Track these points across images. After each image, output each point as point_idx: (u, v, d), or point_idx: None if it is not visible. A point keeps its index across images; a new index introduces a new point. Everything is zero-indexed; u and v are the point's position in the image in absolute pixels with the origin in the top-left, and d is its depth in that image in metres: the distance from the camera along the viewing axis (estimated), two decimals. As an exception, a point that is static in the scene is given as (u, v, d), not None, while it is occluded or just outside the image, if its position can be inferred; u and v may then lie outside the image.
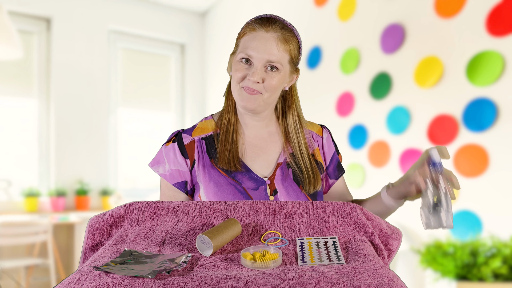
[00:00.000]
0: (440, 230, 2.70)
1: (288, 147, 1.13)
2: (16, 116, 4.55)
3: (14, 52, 3.52)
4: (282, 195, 1.07)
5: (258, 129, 1.13)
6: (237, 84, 1.05)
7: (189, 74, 5.47)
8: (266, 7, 4.57)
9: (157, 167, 1.12)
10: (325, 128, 1.21)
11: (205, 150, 1.10)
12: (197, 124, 1.15)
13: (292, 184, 1.09)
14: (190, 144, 1.10)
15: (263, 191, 1.06)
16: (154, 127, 5.42)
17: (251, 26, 1.04)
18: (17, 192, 4.39)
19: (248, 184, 1.06)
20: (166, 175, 1.10)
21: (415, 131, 2.93)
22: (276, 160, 1.11)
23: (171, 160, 1.10)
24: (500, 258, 2.17)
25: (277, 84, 1.05)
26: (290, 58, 1.06)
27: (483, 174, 2.52)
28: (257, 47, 1.01)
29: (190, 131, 1.12)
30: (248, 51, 1.02)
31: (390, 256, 0.96)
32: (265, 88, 1.04)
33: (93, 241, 0.92)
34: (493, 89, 2.49)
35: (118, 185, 5.00)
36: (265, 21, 1.04)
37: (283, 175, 1.09)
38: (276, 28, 1.03)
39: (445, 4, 2.77)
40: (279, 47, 1.03)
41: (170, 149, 1.10)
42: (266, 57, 1.02)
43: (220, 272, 0.72)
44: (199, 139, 1.11)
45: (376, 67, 3.25)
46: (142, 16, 5.16)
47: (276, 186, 1.08)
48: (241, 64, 1.04)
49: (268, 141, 1.13)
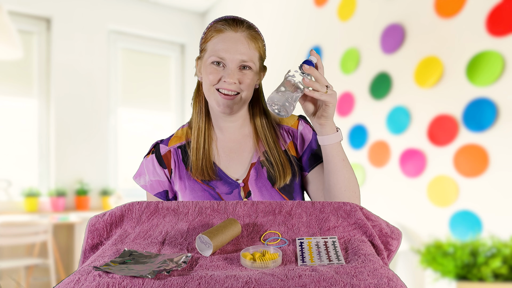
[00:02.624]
0: (442, 230, 2.70)
1: (260, 145, 1.11)
2: (16, 116, 4.55)
3: (14, 52, 3.52)
4: (256, 196, 1.07)
5: (232, 131, 1.12)
6: (211, 86, 1.04)
7: (189, 74, 5.46)
8: (266, 7, 4.57)
9: (139, 179, 1.16)
10: (301, 119, 1.16)
11: (180, 158, 1.12)
12: (174, 133, 1.17)
13: (266, 184, 1.08)
14: (166, 155, 1.12)
15: (237, 194, 1.07)
16: (154, 127, 5.42)
17: (218, 28, 1.04)
18: (17, 192, 4.39)
19: (222, 189, 1.07)
20: (147, 186, 1.14)
21: (415, 131, 2.93)
22: (250, 160, 1.11)
23: (151, 172, 1.13)
24: (500, 258, 2.17)
25: (252, 81, 1.05)
26: (260, 56, 1.07)
27: (483, 174, 2.52)
28: (228, 48, 1.01)
29: (167, 141, 1.15)
30: (220, 53, 1.02)
31: (390, 256, 0.96)
32: (241, 88, 1.04)
33: (93, 241, 0.92)
34: (493, 89, 2.49)
35: (118, 185, 5.00)
36: (232, 21, 1.04)
37: (257, 176, 1.08)
38: (244, 28, 1.03)
39: (445, 4, 2.77)
40: (250, 45, 1.03)
41: (149, 161, 1.14)
42: (238, 57, 1.02)
43: (220, 272, 0.72)
44: (175, 148, 1.13)
45: (376, 67, 3.25)
46: (142, 16, 5.16)
47: (250, 188, 1.07)
48: (213, 67, 1.03)
49: (242, 143, 1.13)
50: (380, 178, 3.18)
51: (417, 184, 2.90)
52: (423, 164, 2.86)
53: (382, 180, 3.17)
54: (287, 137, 1.14)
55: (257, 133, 1.13)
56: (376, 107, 3.23)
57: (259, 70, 1.08)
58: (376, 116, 3.22)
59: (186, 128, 1.16)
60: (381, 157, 3.17)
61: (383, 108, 3.17)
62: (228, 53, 1.01)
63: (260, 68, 1.09)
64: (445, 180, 2.71)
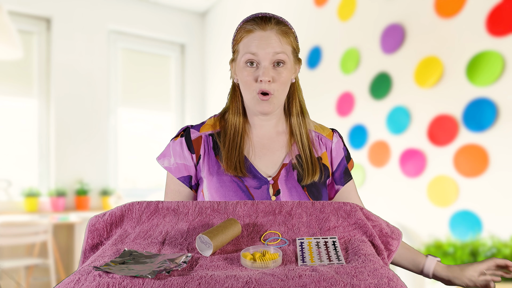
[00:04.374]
0: (442, 230, 2.70)
1: (294, 148, 1.12)
2: (16, 116, 4.55)
3: (14, 52, 3.52)
4: (285, 196, 1.07)
5: (266, 128, 1.13)
6: (250, 87, 1.04)
7: (189, 74, 5.47)
8: (266, 7, 4.56)
9: (162, 160, 1.13)
10: (336, 132, 1.18)
11: (211, 146, 1.11)
12: (206, 121, 1.16)
13: (296, 186, 1.08)
14: (197, 140, 1.11)
15: (265, 191, 1.06)
16: (154, 127, 5.42)
17: (247, 28, 1.04)
18: (17, 192, 4.39)
19: (251, 183, 1.06)
20: (171, 168, 1.11)
21: (415, 131, 2.93)
22: (282, 160, 1.11)
23: (177, 154, 1.11)
24: (500, 258, 2.17)
25: (286, 78, 1.05)
26: (293, 49, 1.07)
27: (483, 174, 2.52)
28: (260, 46, 1.01)
29: (199, 127, 1.13)
30: (252, 51, 1.02)
31: (390, 256, 0.96)
32: (277, 86, 1.04)
33: (93, 241, 0.92)
34: (493, 89, 2.49)
35: (118, 185, 5.00)
36: (260, 20, 1.04)
37: (287, 176, 1.08)
38: (273, 25, 1.03)
39: (445, 4, 2.77)
40: (281, 41, 1.03)
41: (177, 144, 1.12)
42: (271, 54, 1.02)
43: (220, 272, 0.72)
44: (206, 135, 1.12)
45: (376, 67, 3.25)
46: (142, 16, 5.16)
47: (280, 187, 1.07)
48: (248, 68, 1.04)
49: (275, 141, 1.13)
50: (380, 178, 3.18)
51: (417, 184, 2.90)
52: (423, 164, 2.86)
53: (382, 180, 3.17)
54: (321, 145, 1.15)
55: (292, 132, 1.13)
56: (376, 107, 3.23)
57: (293, 64, 1.09)
58: (376, 116, 3.22)
59: (218, 117, 1.15)
60: (381, 157, 3.17)
61: (383, 108, 3.17)
62: (260, 51, 1.01)
63: (294, 62, 1.09)
64: (445, 180, 2.71)
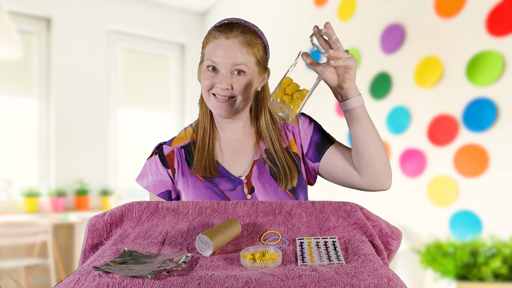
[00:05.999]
0: (442, 230, 2.70)
1: (261, 144, 1.14)
2: (16, 116, 4.55)
3: (14, 52, 3.52)
4: (260, 192, 1.08)
5: (234, 131, 1.15)
6: (207, 92, 1.07)
7: (189, 74, 5.46)
8: (266, 7, 4.57)
9: (141, 181, 1.18)
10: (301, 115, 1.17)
11: (183, 158, 1.14)
12: (176, 135, 1.19)
13: (270, 180, 1.09)
14: (169, 154, 1.14)
15: (240, 191, 1.08)
16: (154, 127, 5.42)
17: (213, 34, 1.06)
18: (17, 192, 4.39)
19: (225, 186, 1.09)
20: (149, 186, 1.16)
21: (415, 131, 2.93)
22: (252, 158, 1.12)
23: (154, 172, 1.15)
24: (500, 258, 2.17)
25: (246, 86, 1.05)
26: (257, 61, 1.07)
27: (483, 174, 2.52)
28: (220, 55, 1.03)
29: (170, 142, 1.17)
30: (213, 59, 1.04)
31: (390, 256, 0.96)
32: (235, 93, 1.05)
33: (93, 241, 0.92)
34: (493, 89, 2.49)
35: (118, 185, 5.00)
36: (225, 27, 1.04)
37: (259, 172, 1.10)
38: (237, 33, 1.03)
39: (445, 4, 2.77)
40: (242, 51, 1.03)
41: (152, 162, 1.16)
42: (230, 63, 1.03)
43: (220, 272, 0.72)
44: (178, 148, 1.15)
45: (376, 67, 3.25)
46: (142, 16, 5.16)
47: (253, 184, 1.09)
48: (208, 73, 1.06)
49: (244, 141, 1.15)
50: (380, 178, 3.17)
51: (417, 184, 2.90)
52: (423, 164, 2.86)
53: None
54: (288, 134, 1.16)
55: (260, 133, 1.14)
56: (376, 107, 3.23)
57: (257, 74, 1.09)
58: (376, 116, 3.22)
59: (190, 129, 1.19)
60: (381, 157, 3.17)
61: (383, 108, 3.17)
62: (220, 59, 1.03)
63: (258, 72, 1.09)
64: (445, 180, 2.71)
